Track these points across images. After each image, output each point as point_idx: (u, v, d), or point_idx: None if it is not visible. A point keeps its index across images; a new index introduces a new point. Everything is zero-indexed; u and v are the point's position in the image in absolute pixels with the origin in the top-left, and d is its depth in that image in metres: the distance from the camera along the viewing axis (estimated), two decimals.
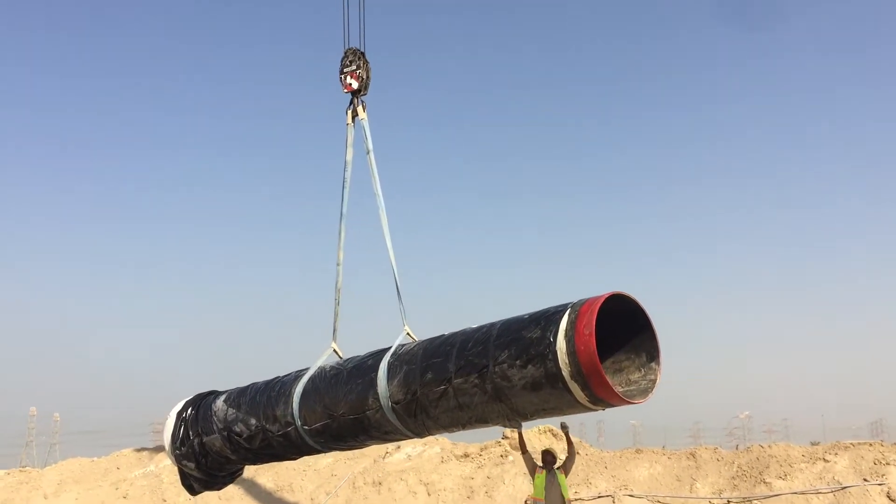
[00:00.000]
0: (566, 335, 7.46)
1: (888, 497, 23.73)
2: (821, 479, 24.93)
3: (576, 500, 24.73)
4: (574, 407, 7.90)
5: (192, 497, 25.18)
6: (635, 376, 8.20)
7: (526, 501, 10.50)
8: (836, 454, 26.08)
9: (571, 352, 7.36)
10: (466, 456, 30.23)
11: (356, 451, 29.04)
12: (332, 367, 11.02)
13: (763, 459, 26.58)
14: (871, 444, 26.93)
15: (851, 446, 26.61)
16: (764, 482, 25.27)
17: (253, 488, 27.87)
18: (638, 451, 29.12)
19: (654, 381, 8.05)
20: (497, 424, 8.83)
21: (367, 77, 12.89)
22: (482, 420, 8.81)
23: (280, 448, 11.59)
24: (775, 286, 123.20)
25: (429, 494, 27.24)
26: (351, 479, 27.96)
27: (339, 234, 12.39)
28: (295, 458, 13.29)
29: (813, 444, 29.23)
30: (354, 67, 12.73)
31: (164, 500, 26.92)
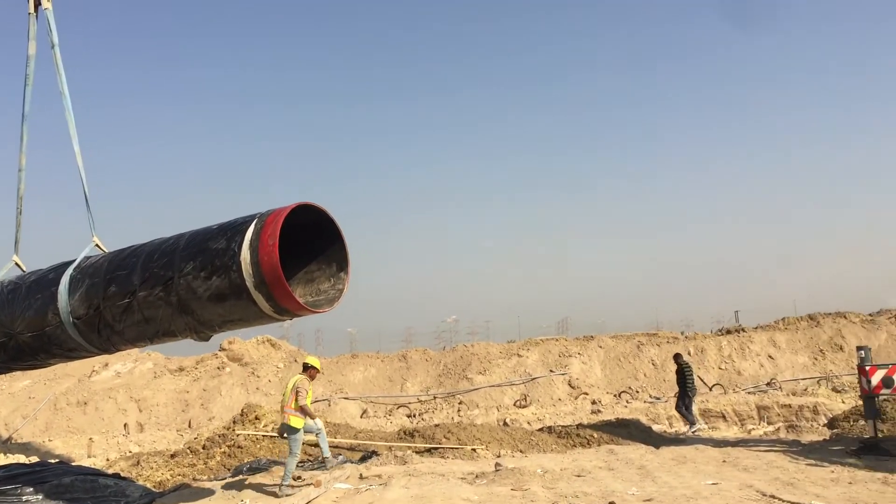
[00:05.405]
0: (251, 245, 7.34)
1: (569, 385, 27.01)
2: (514, 371, 27.78)
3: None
4: (261, 318, 7.85)
5: None
6: (325, 286, 8.31)
7: None
8: (528, 349, 29.20)
9: (255, 262, 7.26)
10: (181, 370, 29.59)
11: (57, 371, 27.19)
12: (10, 282, 10.11)
13: (466, 357, 29.01)
14: (556, 340, 30.50)
15: (541, 342, 29.95)
16: (466, 378, 27.62)
17: None
18: (354, 356, 30.40)
19: (341, 291, 8.22)
20: (186, 337, 8.59)
21: None
22: (170, 333, 8.51)
23: None
24: (478, 196, 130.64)
25: (140, 411, 26.35)
26: (52, 401, 26.18)
27: (21, 137, 11.20)
28: None
29: (510, 342, 32.41)
30: None
31: None
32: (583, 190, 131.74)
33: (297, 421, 11.39)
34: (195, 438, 18.14)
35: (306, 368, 11.90)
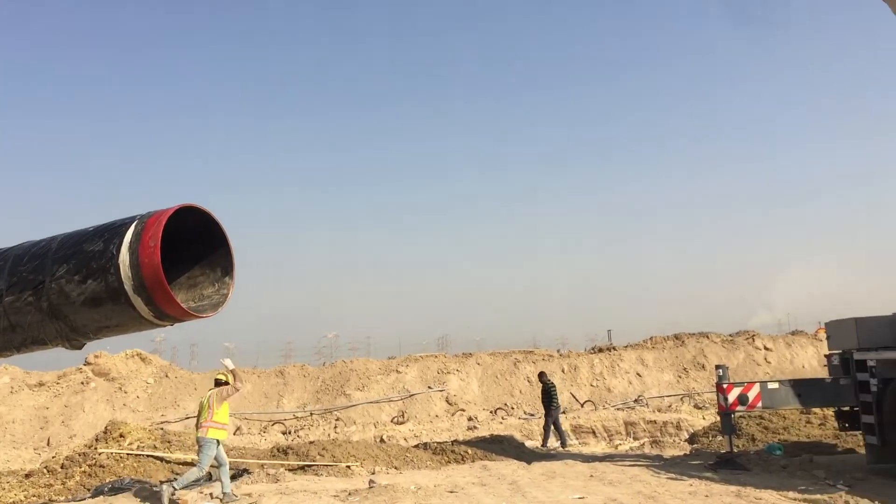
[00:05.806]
0: (130, 248, 7.08)
1: (447, 401, 27.29)
2: (393, 388, 27.84)
3: (163, 422, 24.43)
4: (140, 323, 7.55)
5: None
6: (209, 291, 8.09)
7: None
8: (408, 366, 29.34)
9: (135, 265, 7.01)
10: (41, 384, 27.99)
11: None
12: None
13: (345, 373, 28.83)
14: (435, 356, 30.80)
15: (420, 358, 30.17)
16: (344, 394, 27.43)
17: None
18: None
19: (226, 296, 8.05)
20: (58, 346, 8.19)
21: None
22: (39, 341, 8.10)
23: None
24: (360, 212, 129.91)
25: None
26: None
27: None
28: None
29: (390, 358, 32.52)
30: None
31: None
32: (461, 207, 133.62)
33: (216, 433, 11.36)
34: (53, 457, 17.20)
35: (218, 384, 11.89)
